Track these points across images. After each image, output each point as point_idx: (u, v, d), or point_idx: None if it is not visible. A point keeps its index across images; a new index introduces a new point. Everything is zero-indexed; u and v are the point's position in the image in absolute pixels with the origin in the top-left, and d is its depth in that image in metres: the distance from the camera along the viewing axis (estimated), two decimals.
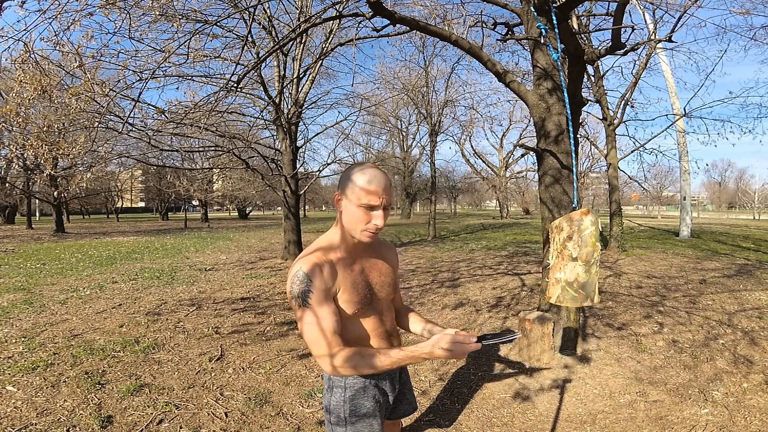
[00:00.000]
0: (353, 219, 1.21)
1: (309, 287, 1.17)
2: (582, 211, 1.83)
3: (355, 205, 1.19)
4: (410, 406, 1.53)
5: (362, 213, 1.19)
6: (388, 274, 1.38)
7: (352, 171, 1.23)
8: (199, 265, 8.51)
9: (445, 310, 4.96)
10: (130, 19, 3.84)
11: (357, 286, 1.27)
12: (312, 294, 1.17)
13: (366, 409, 1.32)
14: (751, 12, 6.15)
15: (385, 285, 1.36)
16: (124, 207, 47.60)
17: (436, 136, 15.41)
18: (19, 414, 2.44)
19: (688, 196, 14.02)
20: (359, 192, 1.18)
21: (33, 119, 5.26)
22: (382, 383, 1.37)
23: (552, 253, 1.94)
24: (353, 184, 1.20)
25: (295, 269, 1.19)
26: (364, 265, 1.32)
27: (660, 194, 37.46)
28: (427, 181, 27.21)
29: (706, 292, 5.65)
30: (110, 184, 29.29)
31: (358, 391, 1.31)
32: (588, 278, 1.81)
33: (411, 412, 1.55)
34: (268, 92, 8.24)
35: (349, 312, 1.25)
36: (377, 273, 1.35)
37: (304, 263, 1.19)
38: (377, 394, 1.34)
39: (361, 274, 1.30)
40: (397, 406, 1.50)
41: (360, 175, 1.20)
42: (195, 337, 3.92)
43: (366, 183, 1.18)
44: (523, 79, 7.43)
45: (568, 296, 1.82)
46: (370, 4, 3.02)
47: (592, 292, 1.82)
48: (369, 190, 1.18)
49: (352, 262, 1.29)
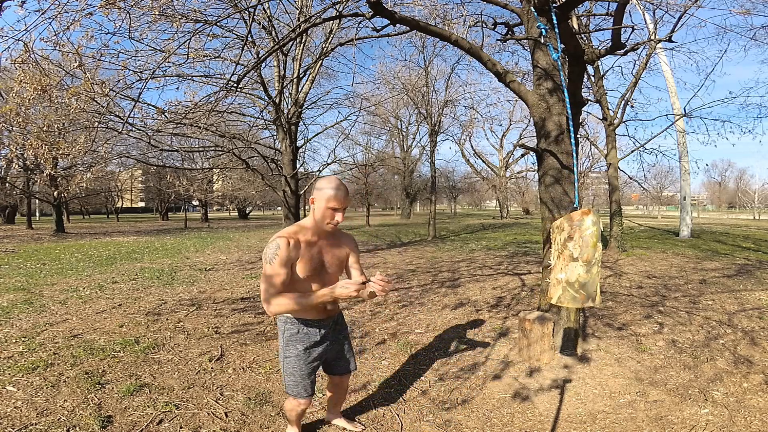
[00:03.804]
0: (323, 216, 1.79)
1: (277, 253, 1.71)
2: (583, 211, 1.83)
3: (325, 207, 1.76)
4: (348, 365, 2.11)
5: (329, 213, 1.77)
6: (340, 256, 1.94)
7: (324, 183, 1.79)
8: (199, 265, 8.51)
9: (445, 310, 4.96)
10: (130, 19, 3.84)
11: (312, 259, 1.83)
12: (277, 257, 1.71)
13: (296, 350, 1.91)
14: (751, 12, 6.15)
15: (334, 264, 1.92)
16: (124, 207, 47.60)
17: (436, 136, 15.41)
18: (19, 414, 2.44)
19: (688, 196, 14.02)
20: (328, 199, 1.75)
21: (33, 119, 5.26)
22: (312, 332, 1.91)
23: (553, 253, 1.94)
24: (325, 193, 1.76)
25: (272, 240, 1.76)
26: (322, 246, 1.88)
27: (660, 194, 37.47)
28: (427, 181, 27.22)
29: (706, 292, 5.65)
30: (110, 184, 29.29)
31: (291, 335, 1.92)
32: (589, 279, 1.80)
33: (348, 371, 2.13)
34: (268, 92, 8.24)
35: (301, 275, 1.80)
36: (331, 254, 1.90)
37: (279, 237, 1.75)
38: (306, 340, 1.91)
39: (318, 252, 1.86)
40: (337, 363, 2.09)
41: (330, 188, 1.76)
42: (195, 337, 3.92)
43: (334, 193, 1.75)
44: (523, 79, 7.43)
45: (569, 297, 1.82)
46: (370, 4, 3.02)
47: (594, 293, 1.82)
48: (336, 198, 1.75)
49: (315, 243, 1.86)
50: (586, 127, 13.26)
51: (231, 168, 14.99)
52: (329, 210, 1.76)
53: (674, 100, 12.88)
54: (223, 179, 24.48)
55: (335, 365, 2.10)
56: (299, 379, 1.93)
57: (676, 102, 12.85)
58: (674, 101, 12.87)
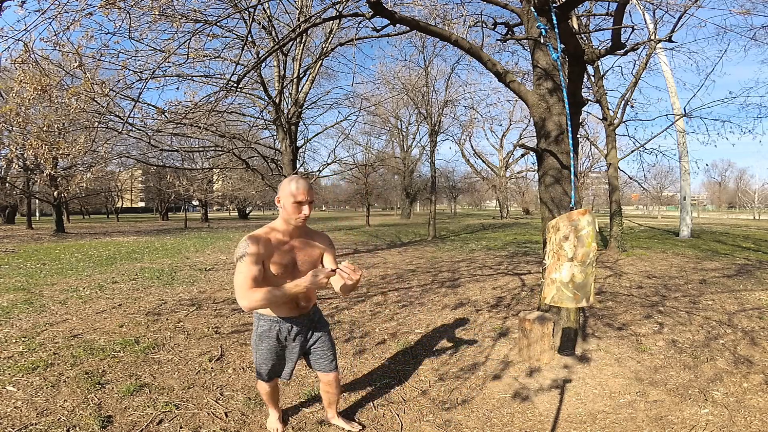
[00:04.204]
0: (290, 212, 1.85)
1: (246, 251, 1.77)
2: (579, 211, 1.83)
3: (290, 203, 1.83)
4: (329, 364, 2.15)
5: (295, 207, 1.84)
6: (312, 254, 1.99)
7: (285, 181, 1.87)
8: (199, 265, 8.51)
9: (445, 310, 4.96)
10: (130, 19, 3.84)
11: (283, 258, 1.89)
12: (246, 255, 1.76)
13: (268, 345, 2.01)
14: (751, 12, 6.15)
15: (306, 262, 1.96)
16: (124, 207, 47.59)
17: (436, 136, 15.40)
18: (19, 414, 2.44)
19: (688, 196, 14.01)
20: (291, 194, 1.82)
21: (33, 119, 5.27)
22: (284, 328, 2.00)
23: (548, 252, 1.94)
24: (287, 189, 1.83)
25: (242, 239, 1.82)
26: (295, 245, 1.95)
27: (660, 194, 37.46)
28: (427, 181, 27.21)
29: (706, 292, 5.65)
30: (110, 184, 29.28)
31: (263, 332, 2.01)
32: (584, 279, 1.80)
33: (330, 370, 2.16)
34: (268, 92, 8.24)
35: (274, 272, 1.86)
36: (303, 253, 1.96)
37: (249, 237, 1.81)
38: (279, 336, 2.01)
39: (290, 251, 1.93)
40: (317, 361, 2.14)
41: (291, 184, 1.83)
42: (195, 337, 3.92)
43: (295, 188, 1.82)
44: (523, 79, 7.43)
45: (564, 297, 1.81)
46: (370, 4, 3.02)
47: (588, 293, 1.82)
48: (298, 191, 1.82)
49: (287, 242, 1.92)
50: (586, 127, 13.25)
51: (231, 168, 15.00)
52: (294, 204, 1.83)
53: (674, 100, 12.88)
54: (223, 179, 24.46)
55: (315, 362, 2.16)
56: (265, 367, 2.07)
57: (676, 102, 12.85)
58: (674, 101, 12.87)
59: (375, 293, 5.85)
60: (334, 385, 2.22)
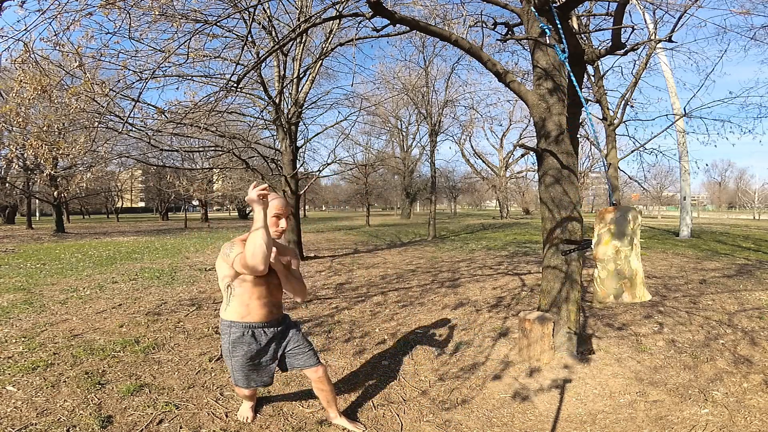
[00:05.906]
0: (269, 225, 1.98)
1: (232, 248, 2.00)
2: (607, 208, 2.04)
3: (270, 216, 2.02)
4: (310, 359, 2.24)
5: (273, 221, 2.05)
6: (283, 260, 2.17)
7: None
8: (199, 265, 8.52)
9: (445, 309, 4.96)
10: (130, 19, 3.84)
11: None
12: (233, 250, 1.99)
13: (242, 351, 2.10)
14: (751, 12, 6.15)
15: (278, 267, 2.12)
16: (124, 207, 47.60)
17: (436, 136, 15.40)
18: (19, 414, 2.44)
19: (688, 196, 14.02)
20: (270, 209, 2.00)
21: (33, 119, 5.27)
22: (258, 333, 2.12)
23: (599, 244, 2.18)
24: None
25: (227, 243, 2.05)
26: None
27: (660, 194, 37.50)
28: (427, 181, 27.20)
29: (706, 292, 5.65)
30: (110, 184, 29.29)
31: (236, 339, 2.10)
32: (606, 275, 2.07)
33: (312, 365, 2.24)
34: (268, 92, 8.25)
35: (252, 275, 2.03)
36: (276, 261, 2.09)
37: (234, 240, 2.06)
38: (252, 341, 2.11)
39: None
40: (296, 359, 2.23)
41: (269, 199, 2.00)
42: (195, 337, 3.92)
43: (274, 203, 2.04)
44: (523, 79, 7.43)
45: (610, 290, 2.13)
46: (370, 4, 3.02)
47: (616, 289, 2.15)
48: (275, 207, 2.04)
49: None
50: (586, 127, 13.26)
51: (231, 168, 15.01)
52: (273, 218, 2.03)
53: (674, 100, 12.89)
54: (223, 179, 24.49)
55: (296, 360, 2.24)
56: (241, 374, 2.15)
57: (676, 102, 12.85)
58: (674, 101, 12.88)
59: (375, 293, 5.85)
60: (325, 381, 2.27)
